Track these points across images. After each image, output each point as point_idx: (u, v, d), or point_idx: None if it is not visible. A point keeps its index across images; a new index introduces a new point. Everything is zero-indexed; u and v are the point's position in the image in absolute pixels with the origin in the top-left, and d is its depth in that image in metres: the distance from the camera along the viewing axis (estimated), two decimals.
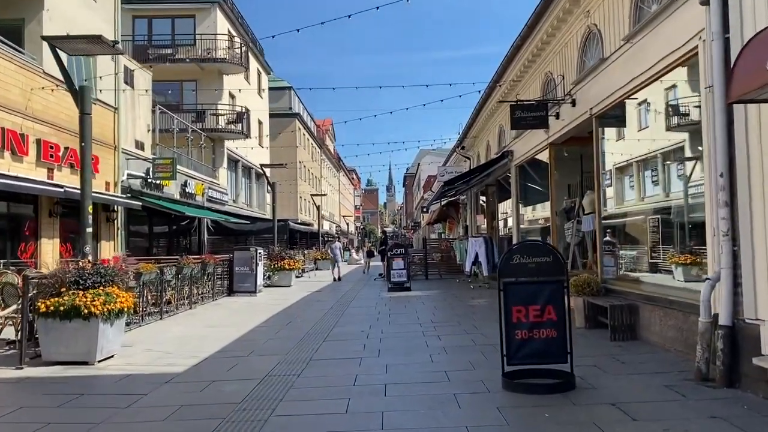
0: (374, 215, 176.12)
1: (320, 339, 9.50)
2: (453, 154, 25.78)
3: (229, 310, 14.34)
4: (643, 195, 9.98)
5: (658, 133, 9.05)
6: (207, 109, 28.98)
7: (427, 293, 16.91)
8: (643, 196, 9.94)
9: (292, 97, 52.91)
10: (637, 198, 10.10)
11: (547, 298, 5.94)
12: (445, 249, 23.89)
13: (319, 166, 65.61)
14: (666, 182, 8.99)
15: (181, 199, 23.80)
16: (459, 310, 12.54)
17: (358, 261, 44.26)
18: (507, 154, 15.97)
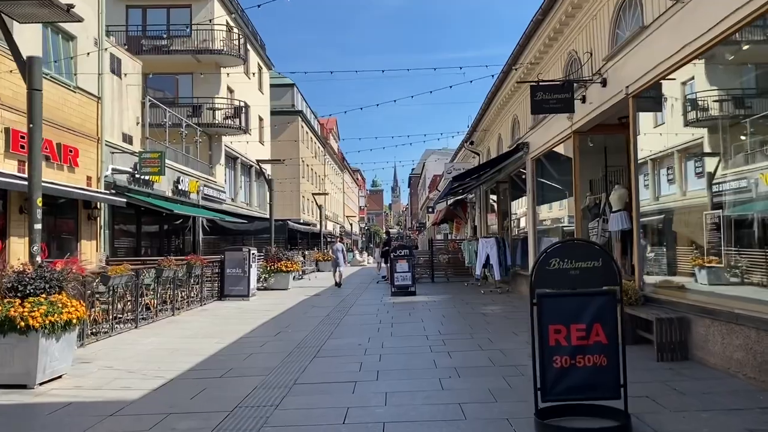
0: (379, 216, 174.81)
1: (310, 354, 8.13)
2: (461, 150, 24.39)
3: (216, 316, 13.00)
4: (686, 188, 8.58)
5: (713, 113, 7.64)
6: (203, 103, 27.68)
7: (434, 298, 15.51)
8: (686, 190, 8.53)
9: (295, 94, 51.66)
10: (679, 192, 8.69)
11: (594, 315, 4.55)
12: (452, 250, 22.49)
13: (323, 165, 64.32)
14: (728, 170, 7.57)
15: (174, 196, 22.50)
16: (470, 320, 11.14)
17: (361, 262, 42.92)
18: (522, 146, 14.57)
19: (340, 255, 21.24)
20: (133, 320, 11.14)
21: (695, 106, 7.88)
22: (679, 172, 8.65)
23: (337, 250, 21.65)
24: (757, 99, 7.18)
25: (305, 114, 53.12)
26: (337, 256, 21.27)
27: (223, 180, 29.55)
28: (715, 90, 7.68)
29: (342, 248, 22.09)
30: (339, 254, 21.23)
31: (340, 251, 21.49)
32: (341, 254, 21.37)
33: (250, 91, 33.53)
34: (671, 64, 7.27)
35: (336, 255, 21.34)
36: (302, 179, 50.47)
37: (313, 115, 59.42)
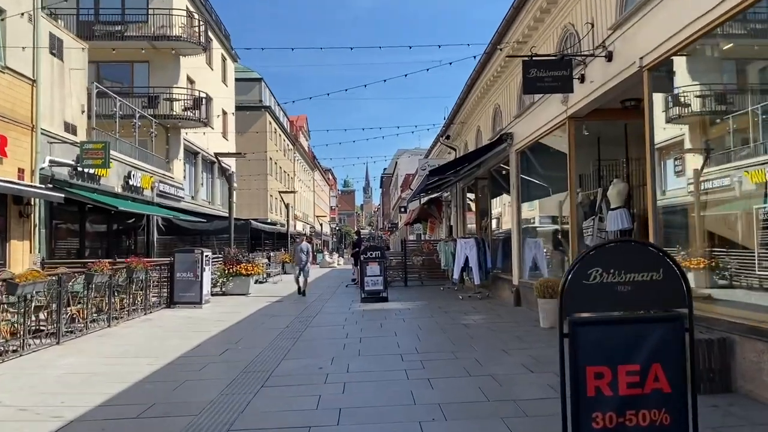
0: (351, 217, 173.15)
1: (258, 382, 6.55)
2: (436, 145, 22.98)
3: (159, 328, 11.30)
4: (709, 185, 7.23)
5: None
6: (160, 93, 25.76)
7: (408, 305, 14.02)
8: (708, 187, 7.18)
9: (262, 89, 49.80)
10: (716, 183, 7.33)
11: (653, 352, 3.10)
12: (427, 251, 21.03)
13: (292, 163, 62.47)
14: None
15: (124, 192, 20.62)
16: (451, 333, 9.66)
17: (331, 264, 41.29)
18: (505, 137, 13.19)
19: (305, 257, 17.66)
20: (55, 334, 9.41)
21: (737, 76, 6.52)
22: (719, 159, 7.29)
23: (301, 251, 17.89)
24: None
25: (273, 110, 51.26)
26: (300, 258, 17.72)
27: (182, 176, 27.66)
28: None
29: (308, 249, 18.25)
30: (303, 256, 17.66)
31: (305, 252, 17.81)
32: (306, 256, 17.80)
33: (212, 83, 31.67)
34: (705, 24, 5.89)
35: (299, 257, 17.79)
36: (270, 177, 48.63)
37: (282, 111, 57.55)
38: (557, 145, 11.77)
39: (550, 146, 12.13)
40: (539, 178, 12.85)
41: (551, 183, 12.43)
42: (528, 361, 7.13)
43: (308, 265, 17.73)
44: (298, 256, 17.92)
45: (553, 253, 12.18)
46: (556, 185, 12.20)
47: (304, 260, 17.61)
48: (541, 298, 9.69)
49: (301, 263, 17.60)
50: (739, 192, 6.53)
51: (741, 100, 6.75)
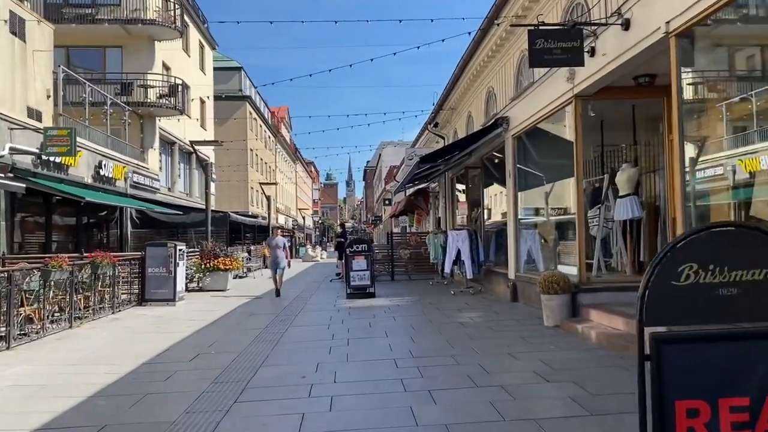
0: (333, 210, 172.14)
1: (230, 396, 5.63)
2: (423, 134, 22.07)
3: (126, 329, 10.31)
4: None
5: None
6: (135, 79, 24.54)
7: (397, 302, 13.14)
8: None
9: (242, 78, 48.53)
10: None
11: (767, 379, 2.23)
12: (414, 244, 20.17)
13: (274, 155, 61.24)
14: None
15: (94, 183, 19.47)
16: (447, 333, 8.79)
17: (314, 258, 40.33)
18: (501, 121, 12.33)
19: (281, 253, 15.32)
20: (4, 338, 8.39)
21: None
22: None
23: (276, 246, 15.51)
24: None
25: (254, 100, 50.02)
26: (276, 254, 15.34)
27: (158, 167, 26.48)
28: None
29: (284, 243, 15.80)
30: (279, 252, 15.31)
31: (281, 248, 15.43)
32: (282, 251, 15.39)
33: (190, 70, 30.48)
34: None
35: (275, 253, 15.41)
36: (251, 169, 47.47)
37: (263, 102, 56.28)
38: (558, 130, 10.96)
39: (550, 131, 11.32)
40: (538, 166, 12.04)
41: (551, 170, 11.62)
42: (540, 367, 6.28)
43: (284, 261, 15.33)
44: (273, 252, 15.51)
45: (551, 245, 11.37)
46: (556, 172, 11.39)
47: (280, 256, 15.27)
48: (545, 294, 8.86)
49: (277, 260, 15.27)
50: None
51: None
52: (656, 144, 9.64)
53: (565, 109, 9.46)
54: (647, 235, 9.65)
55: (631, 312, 7.66)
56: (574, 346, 7.35)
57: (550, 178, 11.47)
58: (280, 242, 15.67)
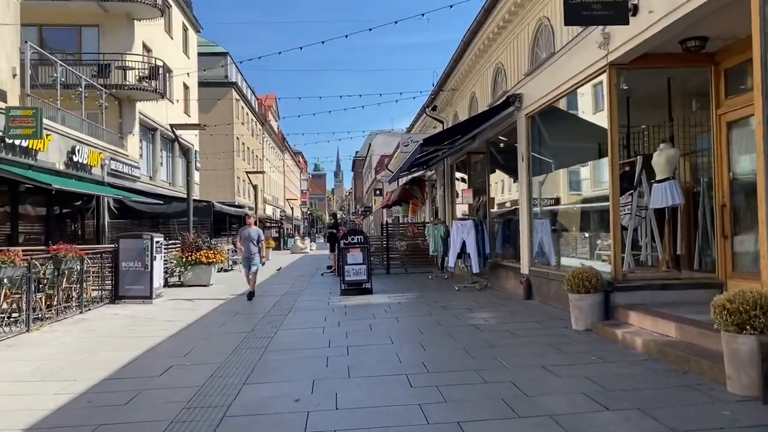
0: (322, 201, 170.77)
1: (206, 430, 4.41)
2: (420, 119, 20.83)
3: (92, 332, 9.04)
4: None
5: None
6: (112, 60, 23.05)
7: (398, 299, 11.96)
8: None
9: (228, 64, 46.86)
10: None
11: None
12: (411, 235, 18.97)
13: (261, 144, 59.74)
14: None
15: (67, 170, 18.08)
16: (463, 338, 7.61)
17: (303, 249, 39.06)
18: (513, 99, 11.13)
19: (253, 247, 12.72)
20: None
21: None
22: None
23: (248, 239, 12.78)
24: None
25: (240, 87, 48.48)
26: (249, 248, 12.71)
27: (138, 154, 25.06)
28: None
29: (259, 235, 13.06)
30: (251, 246, 12.71)
31: (254, 240, 12.78)
32: (255, 245, 12.77)
33: (172, 53, 29.00)
34: None
35: (247, 246, 12.75)
36: (237, 158, 46.02)
37: (250, 90, 54.71)
38: (583, 106, 9.80)
39: (571, 108, 10.15)
40: (556, 148, 10.88)
41: (572, 153, 10.47)
42: (588, 387, 5.12)
43: (258, 257, 12.79)
44: (246, 246, 12.73)
45: (573, 237, 10.21)
46: (577, 155, 10.23)
47: (253, 251, 12.70)
48: (574, 293, 7.70)
49: (251, 255, 12.65)
50: None
51: None
52: (697, 122, 8.49)
53: (595, 80, 8.27)
54: (684, 225, 8.51)
55: (682, 315, 6.51)
56: (619, 358, 6.19)
57: (569, 161, 10.31)
58: (253, 234, 12.91)
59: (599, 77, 8.10)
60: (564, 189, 10.67)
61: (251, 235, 12.89)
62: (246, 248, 12.81)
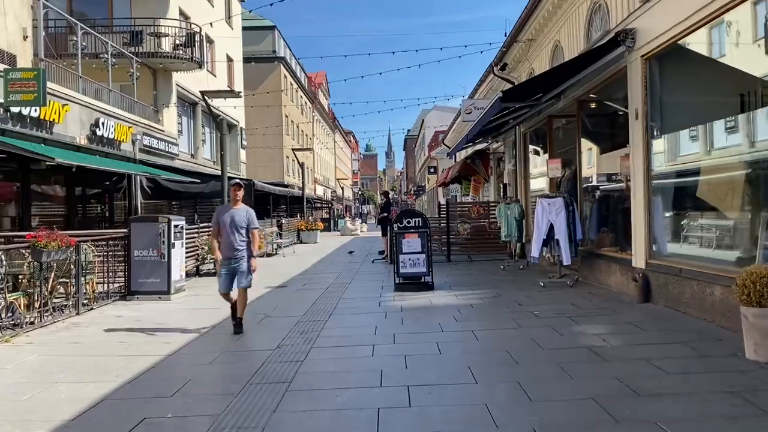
0: (373, 181, 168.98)
1: None
2: (486, 80, 18.04)
3: (69, 348, 6.92)
4: None
5: None
6: (145, 26, 21.11)
7: (468, 298, 9.44)
8: None
9: (276, 38, 44.91)
10: None
11: None
12: (476, 216, 16.34)
13: (311, 123, 57.75)
14: None
15: (90, 145, 16.24)
16: (578, 371, 5.07)
17: (354, 231, 36.86)
18: (622, 37, 8.36)
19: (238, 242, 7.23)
20: None
21: None
22: None
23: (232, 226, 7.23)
24: None
25: (288, 62, 46.36)
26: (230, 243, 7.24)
27: (176, 129, 23.21)
28: None
29: (250, 220, 7.34)
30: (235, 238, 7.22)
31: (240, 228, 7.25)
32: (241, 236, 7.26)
33: (214, 22, 26.91)
34: None
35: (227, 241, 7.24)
36: (286, 136, 44.10)
37: (299, 66, 52.60)
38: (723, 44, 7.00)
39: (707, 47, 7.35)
40: (688, 100, 8.08)
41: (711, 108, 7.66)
42: None
43: (246, 262, 7.27)
44: (227, 239, 7.20)
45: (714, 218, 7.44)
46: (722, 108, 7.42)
47: (240, 249, 7.23)
48: (752, 307, 5.03)
49: (235, 255, 7.21)
50: None
51: None
52: None
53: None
54: None
55: None
56: None
57: (713, 116, 7.48)
58: (239, 217, 7.24)
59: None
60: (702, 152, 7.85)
61: (236, 219, 7.19)
62: (226, 243, 7.18)
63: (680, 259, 7.51)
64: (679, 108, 8.16)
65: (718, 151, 7.21)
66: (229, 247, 7.23)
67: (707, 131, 7.62)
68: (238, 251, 7.23)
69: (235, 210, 7.36)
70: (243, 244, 7.28)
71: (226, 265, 7.28)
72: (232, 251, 7.23)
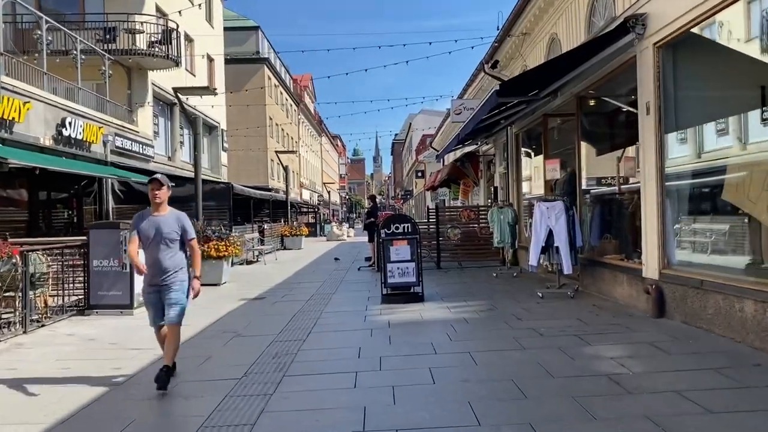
0: (361, 185, 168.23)
1: None
2: (476, 79, 17.25)
3: (20, 367, 5.99)
4: None
5: None
6: (118, 22, 20.11)
7: (461, 311, 8.59)
8: None
9: (260, 39, 43.95)
10: None
11: None
12: (466, 221, 15.51)
13: (297, 126, 56.77)
14: None
15: (56, 146, 15.23)
16: (601, 409, 4.22)
17: (340, 236, 35.94)
18: (633, 23, 7.56)
19: (167, 257, 5.29)
20: None
21: None
22: None
23: (157, 236, 5.29)
24: None
25: (273, 64, 45.37)
26: (157, 261, 5.28)
27: (152, 131, 22.19)
28: None
29: (183, 226, 5.45)
30: (164, 253, 5.29)
31: (168, 240, 5.31)
32: (175, 251, 5.38)
33: (193, 20, 25.95)
34: None
35: (153, 258, 5.31)
36: (270, 139, 43.13)
37: (283, 67, 51.60)
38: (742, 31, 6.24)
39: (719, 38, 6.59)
40: (707, 92, 7.29)
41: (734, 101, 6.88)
42: None
43: (181, 284, 5.38)
44: (153, 255, 5.30)
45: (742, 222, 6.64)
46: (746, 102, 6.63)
47: (172, 269, 5.30)
48: None
49: (165, 277, 5.29)
50: None
51: None
52: None
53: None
54: None
55: None
56: None
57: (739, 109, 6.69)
58: (165, 225, 5.34)
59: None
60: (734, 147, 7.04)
61: (163, 229, 5.30)
62: (151, 263, 5.31)
63: (701, 269, 6.70)
64: (696, 101, 7.39)
65: (751, 145, 6.40)
66: (155, 269, 5.25)
67: (736, 124, 6.83)
68: (168, 273, 5.26)
69: (160, 217, 5.34)
70: (176, 262, 5.33)
71: (153, 292, 5.35)
72: (161, 274, 5.24)
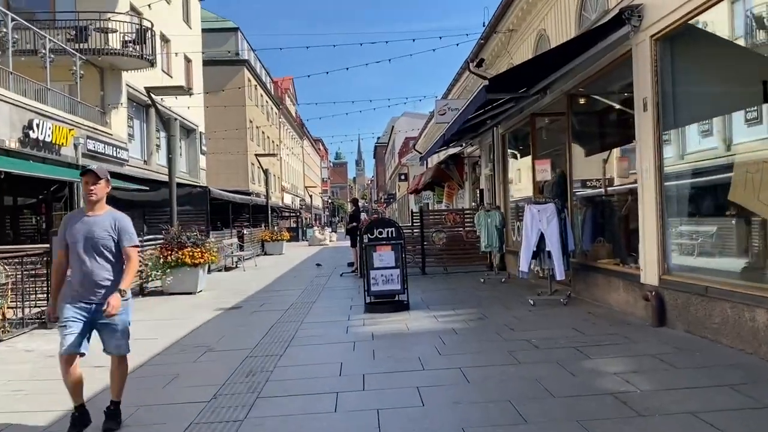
0: (343, 189, 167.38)
1: None
2: (460, 78, 16.83)
3: None
4: None
5: None
6: (91, 20, 19.43)
7: (449, 320, 8.12)
8: None
9: (239, 40, 43.28)
10: None
11: None
12: (452, 225, 15.07)
13: (278, 129, 56.12)
14: None
15: (23, 149, 14.56)
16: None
17: (323, 241, 35.39)
18: (628, 14, 7.17)
19: (102, 271, 4.18)
20: None
21: None
22: None
23: (90, 244, 4.15)
24: None
25: (253, 65, 44.72)
26: (87, 276, 4.15)
27: (126, 133, 21.51)
28: None
29: (121, 230, 4.22)
30: (99, 266, 4.17)
31: (104, 250, 4.18)
32: (111, 266, 4.23)
33: (169, 20, 25.35)
34: None
35: (82, 272, 4.15)
36: (251, 142, 42.47)
37: (264, 70, 50.94)
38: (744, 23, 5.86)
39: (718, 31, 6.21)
40: (708, 87, 6.91)
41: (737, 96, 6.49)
42: None
43: (125, 317, 4.30)
44: (81, 263, 4.15)
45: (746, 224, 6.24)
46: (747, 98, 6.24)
47: (106, 281, 4.19)
48: None
49: (96, 292, 4.17)
50: None
51: None
52: None
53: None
54: None
55: None
56: None
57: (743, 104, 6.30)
58: (99, 229, 4.17)
59: None
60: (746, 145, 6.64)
61: (95, 233, 4.18)
62: (80, 273, 4.17)
63: (705, 275, 6.29)
64: (697, 96, 7.00)
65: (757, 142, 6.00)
66: (84, 281, 4.14)
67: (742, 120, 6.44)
68: (100, 288, 4.17)
69: (93, 218, 4.21)
70: (110, 274, 4.22)
71: (81, 310, 4.15)
72: (92, 288, 4.15)
